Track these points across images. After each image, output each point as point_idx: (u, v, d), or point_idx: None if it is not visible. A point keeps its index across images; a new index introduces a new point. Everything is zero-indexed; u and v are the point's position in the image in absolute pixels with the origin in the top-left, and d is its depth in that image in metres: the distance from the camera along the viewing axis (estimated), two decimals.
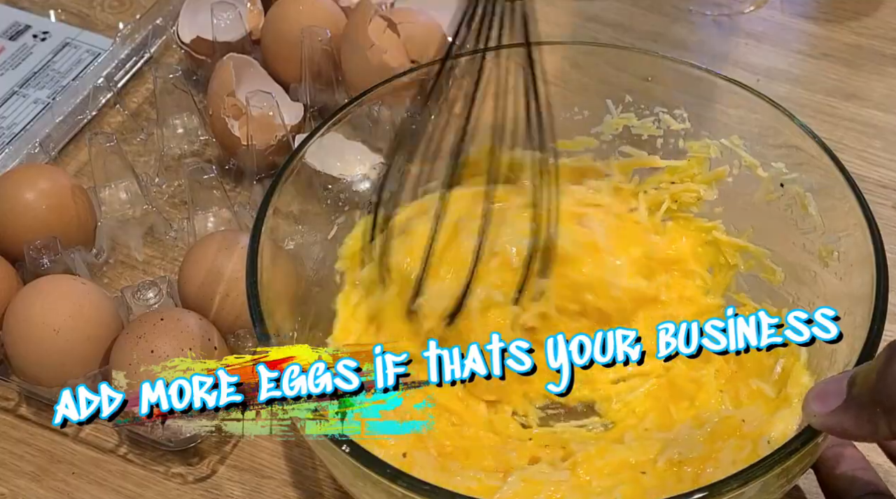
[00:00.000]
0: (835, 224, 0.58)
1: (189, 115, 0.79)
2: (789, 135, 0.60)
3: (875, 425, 0.43)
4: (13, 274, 0.67)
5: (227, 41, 0.81)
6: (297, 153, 0.60)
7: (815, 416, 0.45)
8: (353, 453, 0.47)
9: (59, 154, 0.79)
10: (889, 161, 0.78)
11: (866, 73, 0.85)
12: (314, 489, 0.62)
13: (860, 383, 0.44)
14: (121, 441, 0.64)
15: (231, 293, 0.64)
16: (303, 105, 0.78)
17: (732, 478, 0.46)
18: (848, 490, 0.54)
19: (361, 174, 0.67)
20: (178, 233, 0.74)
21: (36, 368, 0.63)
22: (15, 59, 0.87)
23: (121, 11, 0.92)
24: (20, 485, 0.62)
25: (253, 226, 0.56)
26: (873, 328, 0.50)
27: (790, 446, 0.47)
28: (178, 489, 0.62)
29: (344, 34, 0.78)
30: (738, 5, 0.90)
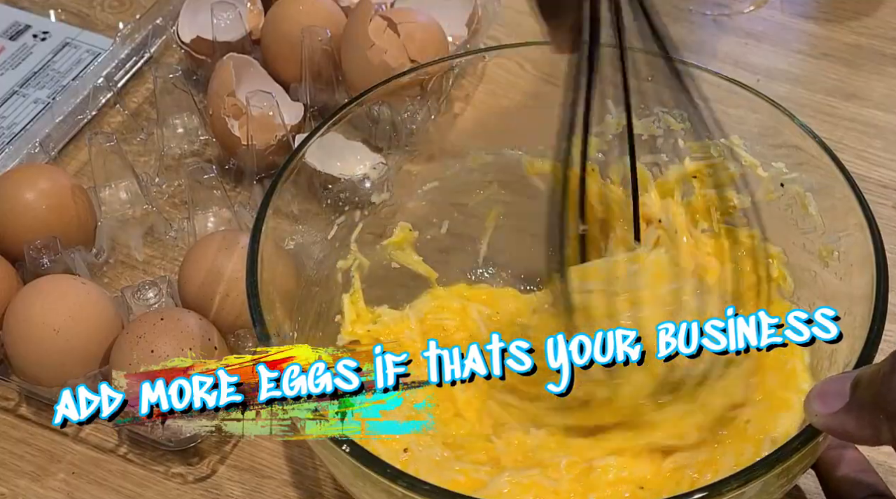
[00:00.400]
0: (835, 224, 0.58)
1: (189, 115, 0.79)
2: (789, 135, 0.60)
3: (877, 429, 0.43)
4: (13, 274, 0.67)
5: (227, 41, 0.81)
6: (298, 153, 0.60)
7: (817, 416, 0.45)
8: (352, 452, 0.47)
9: (59, 154, 0.79)
10: (889, 161, 0.78)
11: (866, 73, 0.85)
12: (314, 489, 0.62)
13: (864, 386, 0.44)
14: (121, 441, 0.64)
15: (231, 293, 0.64)
16: (303, 105, 0.78)
17: (733, 478, 0.46)
18: (849, 492, 0.54)
19: (361, 174, 0.67)
20: (178, 233, 0.74)
21: (36, 367, 0.63)
22: (15, 58, 0.87)
23: (121, 11, 0.92)
24: (20, 485, 0.62)
25: (253, 226, 0.56)
26: (873, 328, 0.50)
27: (790, 446, 0.47)
28: (178, 489, 0.62)
29: (344, 34, 0.78)
30: (738, 5, 0.90)
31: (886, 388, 0.42)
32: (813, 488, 0.59)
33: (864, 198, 0.56)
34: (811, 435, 0.47)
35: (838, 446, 0.55)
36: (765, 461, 0.46)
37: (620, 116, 0.66)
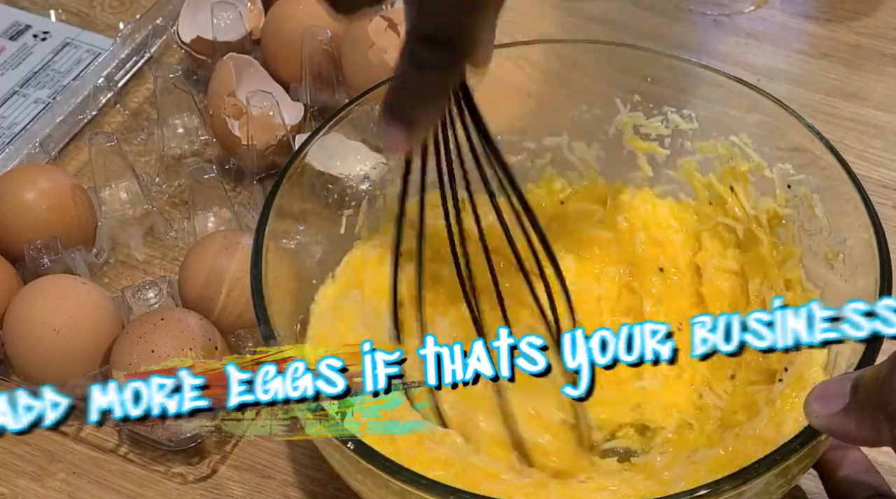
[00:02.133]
0: (840, 226, 0.58)
1: (189, 115, 0.79)
2: (795, 135, 0.60)
3: (878, 430, 0.43)
4: (13, 274, 0.67)
5: (227, 41, 0.81)
6: (299, 153, 0.60)
7: (817, 417, 0.45)
8: (357, 449, 0.47)
9: (59, 154, 0.79)
10: (890, 161, 0.78)
11: (866, 73, 0.85)
12: (315, 489, 0.61)
13: (864, 387, 0.44)
14: (121, 441, 0.64)
15: (232, 293, 0.64)
16: (303, 105, 0.78)
17: (732, 477, 0.46)
18: (851, 492, 0.54)
19: (362, 174, 0.67)
20: (179, 233, 0.74)
21: (36, 367, 0.63)
22: (15, 58, 0.87)
23: (121, 11, 0.92)
24: (20, 485, 0.62)
25: (257, 225, 0.56)
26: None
27: (790, 446, 0.47)
28: (179, 489, 0.62)
29: (344, 34, 0.78)
30: (738, 5, 0.90)
31: (887, 389, 0.42)
32: (814, 488, 0.59)
33: (870, 199, 0.56)
34: (811, 436, 0.47)
35: (840, 447, 0.55)
36: (764, 461, 0.46)
37: (629, 115, 0.66)
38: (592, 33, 0.87)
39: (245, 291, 0.55)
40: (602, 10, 0.90)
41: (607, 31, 0.87)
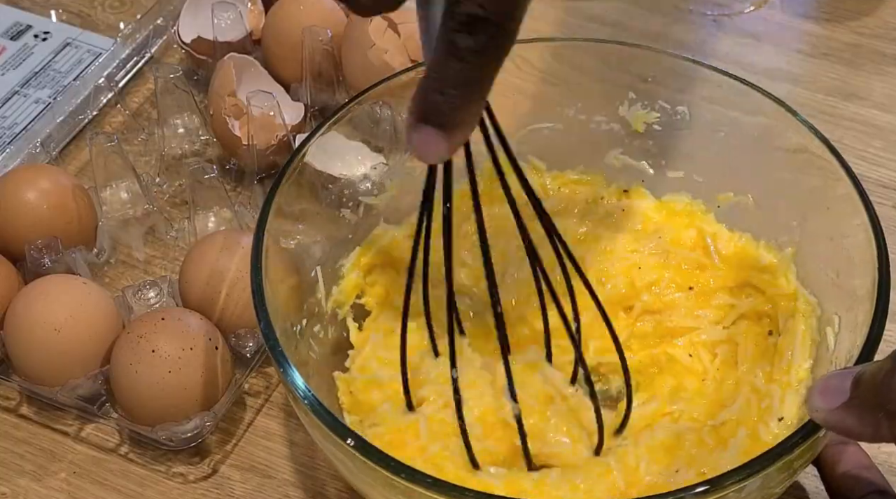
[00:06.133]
0: (840, 224, 0.58)
1: (190, 115, 0.79)
2: (795, 135, 0.60)
3: (877, 427, 0.43)
4: (14, 274, 0.67)
5: (227, 41, 0.81)
6: (299, 153, 0.60)
7: (818, 411, 0.45)
8: (357, 446, 0.48)
9: (60, 154, 0.78)
10: (889, 161, 0.78)
11: (866, 72, 0.85)
12: (316, 489, 0.62)
13: (865, 383, 0.44)
14: (122, 440, 0.64)
15: (232, 293, 0.64)
16: (303, 105, 0.78)
17: (734, 472, 0.46)
18: (851, 489, 0.54)
19: (362, 174, 0.67)
20: (179, 233, 0.74)
21: (37, 367, 0.63)
22: (16, 59, 0.87)
23: (122, 11, 0.92)
24: (21, 484, 0.62)
25: (257, 225, 0.56)
26: (874, 327, 0.51)
27: (791, 440, 0.47)
28: (180, 489, 0.62)
29: (345, 34, 0.78)
30: (738, 5, 0.90)
31: (887, 386, 0.43)
32: (814, 485, 0.59)
33: (869, 198, 0.56)
34: (812, 430, 0.47)
35: (840, 443, 0.55)
36: (766, 456, 0.47)
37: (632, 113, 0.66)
38: (592, 33, 0.87)
39: (245, 291, 0.55)
40: (602, 10, 0.90)
41: (607, 31, 0.87)
